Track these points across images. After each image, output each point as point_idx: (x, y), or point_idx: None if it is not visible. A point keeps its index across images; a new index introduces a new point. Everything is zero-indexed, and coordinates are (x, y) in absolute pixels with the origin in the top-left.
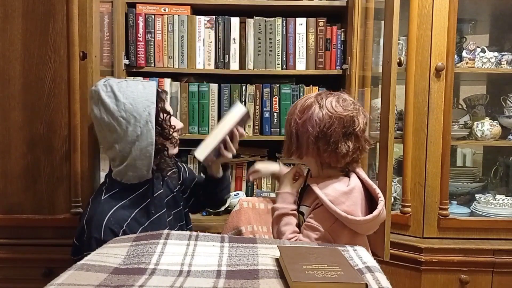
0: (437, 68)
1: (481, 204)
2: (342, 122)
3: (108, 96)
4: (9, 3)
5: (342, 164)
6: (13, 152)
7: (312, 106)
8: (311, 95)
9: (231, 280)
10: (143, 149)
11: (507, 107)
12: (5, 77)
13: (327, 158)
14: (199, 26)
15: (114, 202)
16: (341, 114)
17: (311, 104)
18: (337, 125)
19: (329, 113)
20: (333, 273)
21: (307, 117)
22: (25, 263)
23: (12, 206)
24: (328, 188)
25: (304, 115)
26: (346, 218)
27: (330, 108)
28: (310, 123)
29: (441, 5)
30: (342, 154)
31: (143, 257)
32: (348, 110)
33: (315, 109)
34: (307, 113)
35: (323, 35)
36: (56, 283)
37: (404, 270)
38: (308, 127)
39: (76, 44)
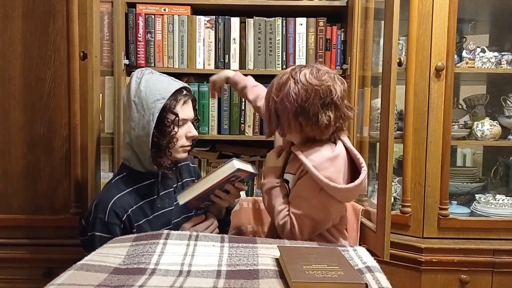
0: (437, 68)
1: (481, 204)
2: (319, 93)
3: (135, 81)
4: (9, 3)
5: (326, 135)
6: (13, 152)
7: (288, 82)
8: (287, 71)
9: (231, 280)
10: (139, 138)
11: (507, 107)
12: (5, 77)
13: (310, 132)
14: (199, 26)
15: (122, 187)
16: (316, 85)
17: (286, 80)
18: (314, 97)
19: (304, 86)
20: (333, 273)
21: (284, 94)
22: (25, 263)
23: (12, 206)
24: (313, 154)
25: (281, 92)
26: (328, 184)
27: (305, 81)
28: (288, 99)
29: (441, 5)
30: (324, 125)
31: (143, 257)
32: (323, 80)
33: (290, 84)
34: (283, 90)
35: (323, 35)
36: (56, 283)
37: (404, 270)
38: (286, 104)
39: (76, 44)
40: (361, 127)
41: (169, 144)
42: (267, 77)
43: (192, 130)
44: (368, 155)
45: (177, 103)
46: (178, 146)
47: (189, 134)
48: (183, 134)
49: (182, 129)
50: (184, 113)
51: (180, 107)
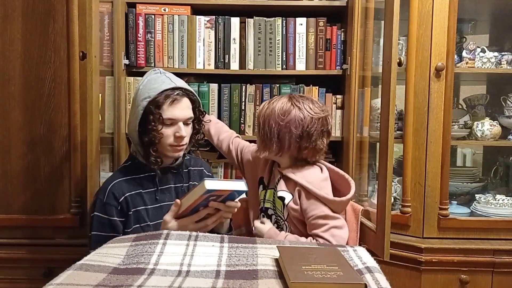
0: (437, 68)
1: (481, 204)
2: (321, 121)
3: (142, 80)
4: (9, 3)
5: (316, 158)
6: (13, 152)
7: (292, 109)
8: (283, 99)
9: (230, 280)
10: (131, 132)
11: (507, 107)
12: (5, 77)
13: (305, 154)
14: (199, 26)
15: (124, 174)
16: (319, 114)
17: (289, 107)
18: (317, 125)
19: (310, 114)
20: (332, 273)
21: (289, 119)
22: (25, 263)
23: (12, 206)
24: (307, 176)
25: (286, 117)
26: (334, 200)
27: (310, 110)
28: (294, 124)
29: (441, 5)
30: (319, 150)
31: (142, 257)
32: (323, 111)
33: (295, 111)
34: (288, 115)
35: (323, 35)
36: (55, 283)
37: (404, 270)
38: (291, 127)
39: (76, 44)
40: (361, 127)
41: (151, 141)
42: (267, 77)
43: (180, 130)
44: (368, 155)
45: (164, 102)
46: (165, 144)
47: (177, 134)
48: (171, 133)
49: (170, 129)
50: (171, 112)
51: (167, 106)
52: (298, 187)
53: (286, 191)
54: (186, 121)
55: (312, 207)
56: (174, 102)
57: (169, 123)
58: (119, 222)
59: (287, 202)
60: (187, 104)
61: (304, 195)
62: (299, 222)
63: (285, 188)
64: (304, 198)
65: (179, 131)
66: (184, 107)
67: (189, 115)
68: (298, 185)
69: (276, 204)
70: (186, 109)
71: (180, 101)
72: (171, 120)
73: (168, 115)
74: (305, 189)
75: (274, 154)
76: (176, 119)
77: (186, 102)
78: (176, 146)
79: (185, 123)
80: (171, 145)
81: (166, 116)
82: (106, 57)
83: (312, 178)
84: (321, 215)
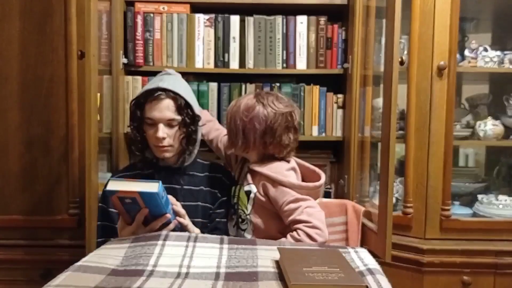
0: (439, 67)
1: (483, 205)
2: (285, 117)
3: None
4: (6, 2)
5: (283, 154)
6: (10, 152)
7: (256, 106)
8: (249, 96)
9: (230, 282)
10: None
11: (510, 107)
12: (2, 77)
13: (271, 150)
14: (199, 25)
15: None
16: (282, 110)
17: (254, 104)
18: (281, 120)
19: (273, 110)
20: (333, 275)
21: (253, 115)
22: (23, 264)
23: (9, 207)
24: (273, 168)
25: (250, 113)
26: (300, 185)
27: (273, 106)
28: (257, 120)
29: (443, 4)
30: (284, 145)
31: (141, 258)
32: (288, 107)
33: (259, 108)
34: (252, 112)
35: (324, 34)
36: (53, 284)
37: (406, 271)
38: (255, 123)
39: (74, 43)
40: (362, 126)
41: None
42: (267, 76)
43: (158, 131)
44: (370, 155)
45: (145, 102)
46: (151, 144)
47: (154, 134)
48: (152, 134)
49: (152, 129)
50: (150, 112)
51: (148, 106)
52: (263, 179)
53: (251, 184)
54: (168, 123)
55: (281, 195)
56: (153, 102)
57: (150, 123)
58: (115, 214)
59: (253, 195)
60: (167, 105)
61: (270, 185)
62: (267, 215)
63: (251, 182)
64: (271, 188)
65: (157, 132)
66: (163, 108)
67: (169, 116)
68: (263, 177)
69: (241, 199)
70: (165, 110)
71: (160, 102)
72: (151, 120)
73: (147, 115)
74: (270, 179)
75: (241, 150)
76: (154, 119)
77: (166, 103)
78: (158, 146)
79: (168, 124)
80: (154, 145)
81: (146, 116)
82: (104, 56)
83: (276, 168)
84: (291, 200)
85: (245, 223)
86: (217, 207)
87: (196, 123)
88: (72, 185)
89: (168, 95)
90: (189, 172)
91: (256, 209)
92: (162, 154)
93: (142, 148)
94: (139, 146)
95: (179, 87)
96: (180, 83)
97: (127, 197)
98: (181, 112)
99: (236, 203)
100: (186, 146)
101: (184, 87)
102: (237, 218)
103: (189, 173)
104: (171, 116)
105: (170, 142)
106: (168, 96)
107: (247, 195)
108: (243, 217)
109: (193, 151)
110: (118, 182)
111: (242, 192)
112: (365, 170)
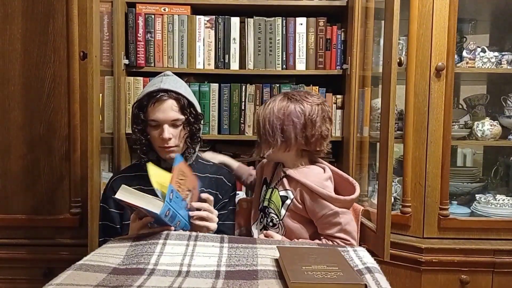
0: (437, 68)
1: (481, 204)
2: (320, 107)
3: None
4: (9, 3)
5: (324, 146)
6: (13, 152)
7: (289, 104)
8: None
9: (230, 280)
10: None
11: (507, 107)
12: (4, 77)
13: (313, 143)
14: (199, 26)
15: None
16: (317, 101)
17: (286, 103)
18: (318, 111)
19: (309, 103)
20: (332, 273)
21: (289, 112)
22: (25, 263)
23: (12, 206)
24: (310, 175)
25: (285, 111)
26: (338, 198)
27: (307, 99)
28: (295, 115)
29: (441, 5)
30: (325, 136)
31: (142, 257)
32: (320, 98)
33: (293, 105)
34: (287, 109)
35: (323, 35)
36: (55, 283)
37: (404, 270)
38: (293, 119)
39: (76, 44)
40: (361, 127)
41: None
42: (267, 77)
43: (163, 132)
44: (368, 155)
45: (148, 104)
46: (155, 146)
47: (160, 136)
48: (157, 135)
49: (156, 131)
50: (154, 114)
51: (150, 108)
52: (300, 186)
53: (288, 190)
54: (172, 123)
55: (320, 207)
56: (156, 104)
57: (153, 125)
58: (116, 214)
59: (289, 201)
60: (170, 105)
61: (308, 195)
62: (301, 221)
63: (288, 187)
64: (308, 198)
65: (162, 133)
66: (166, 108)
67: (173, 116)
68: (300, 184)
69: (275, 203)
70: (169, 110)
71: (163, 103)
72: (155, 122)
73: (151, 117)
74: (307, 188)
75: (283, 150)
76: (159, 121)
77: (170, 104)
78: (164, 147)
79: (172, 124)
80: (159, 146)
81: (149, 118)
82: (106, 57)
83: (314, 177)
84: (330, 214)
85: (276, 228)
86: (218, 209)
87: (199, 121)
88: (74, 185)
89: (170, 95)
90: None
91: (291, 214)
92: (168, 155)
93: (146, 150)
94: (144, 148)
95: (180, 87)
96: (180, 83)
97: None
98: (184, 111)
99: (266, 206)
100: (191, 145)
101: (184, 87)
102: (267, 222)
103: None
104: (175, 116)
105: (176, 142)
106: (171, 97)
107: (282, 200)
108: (275, 221)
109: (196, 150)
110: (127, 193)
111: (277, 196)
112: (364, 170)
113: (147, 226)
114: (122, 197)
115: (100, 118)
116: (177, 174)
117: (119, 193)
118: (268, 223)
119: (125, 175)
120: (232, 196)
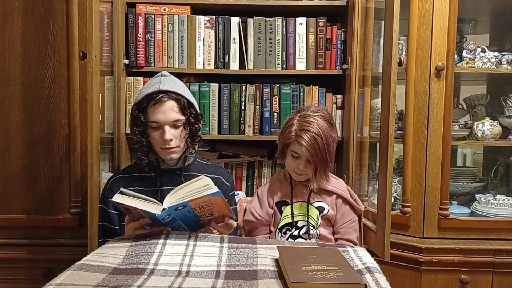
0: (437, 68)
1: (481, 204)
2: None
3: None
4: (8, 3)
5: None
6: (13, 152)
7: (328, 122)
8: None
9: (230, 280)
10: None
11: (507, 107)
12: (4, 77)
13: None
14: (199, 26)
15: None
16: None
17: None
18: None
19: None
20: (332, 273)
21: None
22: (25, 263)
23: (11, 206)
24: (340, 186)
25: (331, 130)
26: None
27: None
28: (334, 130)
29: (441, 5)
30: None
31: (142, 257)
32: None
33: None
34: (332, 129)
35: (323, 35)
36: (55, 283)
37: (404, 270)
38: (334, 136)
39: (76, 44)
40: (361, 127)
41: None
42: (267, 77)
43: (165, 133)
44: (368, 155)
45: (148, 106)
46: (157, 147)
47: (162, 137)
48: (158, 136)
49: (157, 132)
50: (154, 115)
51: (150, 109)
52: (335, 196)
53: (323, 202)
54: (173, 124)
55: (348, 214)
56: (156, 106)
57: (154, 126)
58: (115, 215)
59: (326, 211)
60: (171, 106)
61: (342, 203)
62: (330, 227)
63: (321, 199)
64: (341, 206)
65: (163, 134)
66: (167, 110)
67: (174, 117)
68: (335, 194)
69: (312, 214)
70: (169, 112)
71: (163, 104)
72: (156, 123)
73: (152, 118)
74: (342, 198)
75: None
76: (159, 122)
77: (170, 105)
78: (165, 149)
79: (173, 125)
80: (161, 147)
81: (150, 119)
82: (106, 57)
83: (343, 187)
84: (354, 220)
85: (310, 237)
86: None
87: (199, 121)
88: (74, 185)
89: (170, 96)
90: (189, 172)
91: (324, 222)
92: (169, 156)
93: (147, 152)
94: (145, 150)
95: (179, 88)
96: (178, 83)
97: (131, 209)
98: (184, 112)
99: (302, 220)
100: (191, 145)
101: (183, 87)
102: (299, 234)
103: (190, 173)
104: (176, 117)
105: (177, 143)
106: (171, 98)
107: (320, 211)
108: (313, 232)
109: (196, 150)
110: (124, 197)
111: (312, 208)
112: (364, 170)
113: (143, 228)
114: (119, 200)
115: (100, 118)
116: (203, 200)
117: (117, 196)
118: (302, 234)
119: (124, 176)
120: (231, 195)
